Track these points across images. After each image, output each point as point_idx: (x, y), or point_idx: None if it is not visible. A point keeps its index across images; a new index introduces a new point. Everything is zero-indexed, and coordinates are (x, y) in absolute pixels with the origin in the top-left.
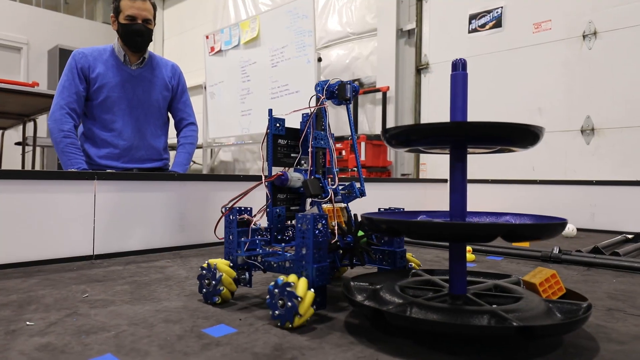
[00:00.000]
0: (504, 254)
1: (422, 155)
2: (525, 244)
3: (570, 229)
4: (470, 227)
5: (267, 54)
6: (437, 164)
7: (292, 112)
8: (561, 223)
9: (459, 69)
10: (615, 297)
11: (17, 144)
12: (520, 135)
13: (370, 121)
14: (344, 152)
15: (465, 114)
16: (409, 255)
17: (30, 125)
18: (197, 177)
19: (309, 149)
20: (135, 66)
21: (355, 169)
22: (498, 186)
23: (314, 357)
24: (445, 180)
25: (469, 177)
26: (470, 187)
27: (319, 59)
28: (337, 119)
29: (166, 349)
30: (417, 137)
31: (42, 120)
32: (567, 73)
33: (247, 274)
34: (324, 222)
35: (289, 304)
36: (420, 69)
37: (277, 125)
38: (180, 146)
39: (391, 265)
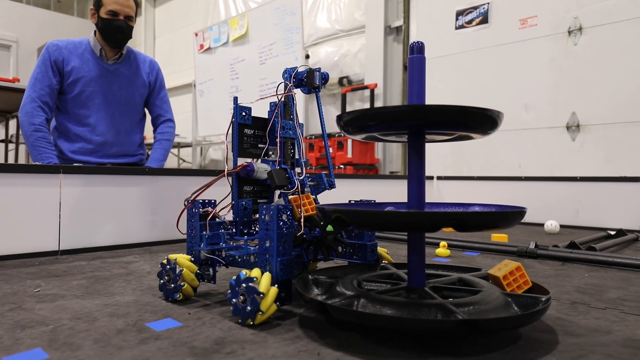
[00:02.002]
0: (481, 249)
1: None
2: (504, 239)
3: (553, 225)
4: (415, 215)
5: (256, 51)
6: (425, 160)
7: (259, 99)
8: (518, 211)
9: (415, 52)
10: (584, 291)
11: (1, 141)
12: (477, 120)
13: None
14: (330, 150)
15: (422, 98)
16: (383, 252)
17: (13, 123)
18: (169, 171)
19: (277, 139)
20: (112, 61)
21: (343, 166)
22: (484, 183)
23: (254, 351)
24: (431, 178)
25: (454, 174)
26: (456, 184)
27: (307, 56)
28: (326, 117)
29: (100, 343)
30: (372, 122)
31: None
32: (553, 69)
33: (210, 269)
34: (288, 213)
35: (251, 300)
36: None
37: (243, 114)
38: (157, 142)
39: (362, 259)
